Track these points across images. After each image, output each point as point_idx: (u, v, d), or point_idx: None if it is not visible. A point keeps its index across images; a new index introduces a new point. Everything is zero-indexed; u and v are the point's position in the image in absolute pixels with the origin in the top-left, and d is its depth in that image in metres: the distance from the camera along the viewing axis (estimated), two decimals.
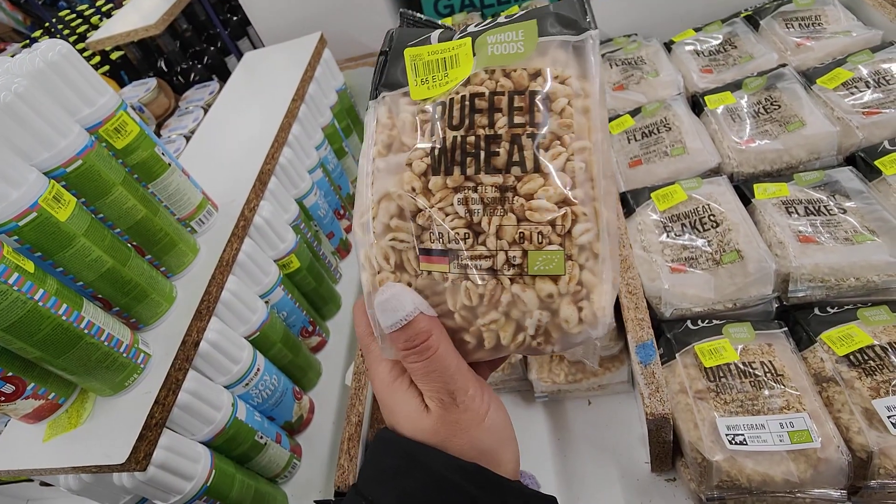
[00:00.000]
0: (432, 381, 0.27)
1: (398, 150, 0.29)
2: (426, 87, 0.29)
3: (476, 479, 0.26)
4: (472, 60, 0.29)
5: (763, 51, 0.95)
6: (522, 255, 0.26)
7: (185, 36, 1.65)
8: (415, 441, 0.27)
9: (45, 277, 0.51)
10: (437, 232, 0.27)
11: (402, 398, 0.28)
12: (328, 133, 1.15)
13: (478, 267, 0.27)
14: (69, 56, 0.59)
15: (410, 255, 0.28)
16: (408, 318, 0.26)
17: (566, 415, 0.80)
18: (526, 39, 0.28)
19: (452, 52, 0.29)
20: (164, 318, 0.65)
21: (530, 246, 0.26)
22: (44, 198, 0.51)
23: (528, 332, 0.27)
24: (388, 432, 0.29)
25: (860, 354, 0.59)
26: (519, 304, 0.27)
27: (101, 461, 0.54)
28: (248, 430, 0.70)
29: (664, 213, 0.78)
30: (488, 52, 0.28)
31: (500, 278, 0.27)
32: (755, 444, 0.56)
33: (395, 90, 0.30)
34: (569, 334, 0.27)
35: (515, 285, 0.26)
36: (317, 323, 0.94)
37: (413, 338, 0.26)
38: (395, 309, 0.26)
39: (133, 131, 0.64)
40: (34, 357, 0.51)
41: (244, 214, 0.78)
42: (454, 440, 0.27)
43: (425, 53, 0.30)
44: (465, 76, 0.28)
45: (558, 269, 0.26)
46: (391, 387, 0.28)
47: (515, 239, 0.26)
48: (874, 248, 0.65)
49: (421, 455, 0.27)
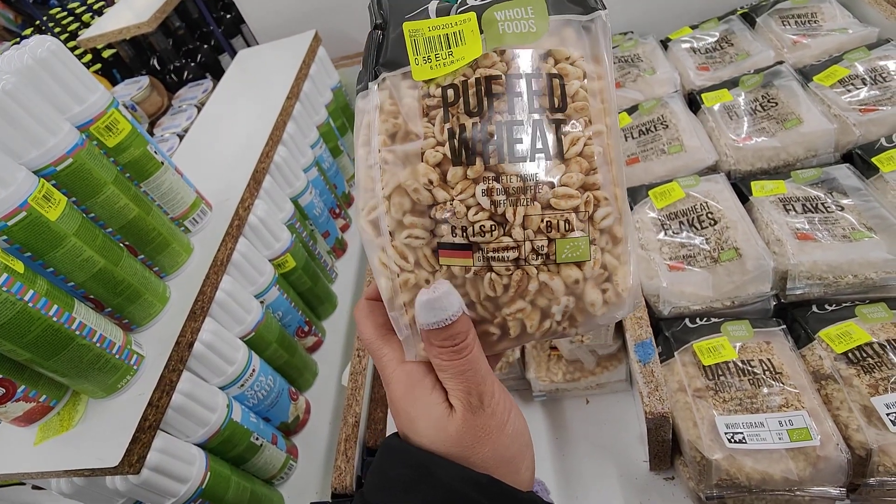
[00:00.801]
0: (465, 380, 0.26)
1: (405, 138, 0.27)
2: (429, 66, 0.27)
3: (489, 492, 0.25)
4: (479, 39, 0.27)
5: (760, 48, 0.95)
6: (549, 243, 0.26)
7: (178, 34, 1.64)
8: (427, 451, 0.26)
9: (36, 278, 0.50)
10: (461, 226, 0.26)
11: (424, 405, 0.27)
12: (323, 131, 1.14)
13: (503, 258, 0.26)
14: (59, 53, 0.58)
15: (427, 250, 0.27)
16: (453, 317, 0.25)
17: (564, 414, 0.79)
18: (537, 18, 0.26)
19: (456, 27, 0.27)
20: (157, 319, 0.64)
21: (556, 234, 0.26)
22: (33, 197, 0.50)
23: (554, 319, 0.27)
24: (397, 440, 0.28)
25: (858, 352, 0.59)
26: (546, 292, 0.26)
27: (93, 464, 0.53)
28: (244, 431, 0.70)
29: (662, 211, 0.77)
30: (499, 31, 0.26)
31: (527, 268, 0.26)
32: (754, 442, 0.56)
33: (394, 70, 0.28)
34: (594, 317, 0.27)
35: (543, 273, 0.26)
36: (313, 323, 0.93)
37: (454, 336, 0.25)
38: (444, 308, 0.25)
39: (125, 129, 0.63)
40: (24, 359, 0.50)
41: (238, 213, 0.77)
42: (478, 448, 0.26)
43: (425, 28, 0.27)
44: (472, 56, 0.26)
45: (584, 256, 0.26)
46: (411, 394, 0.27)
47: (541, 228, 0.26)
48: (872, 245, 0.65)
49: (434, 466, 0.26)
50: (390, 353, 0.28)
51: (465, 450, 0.26)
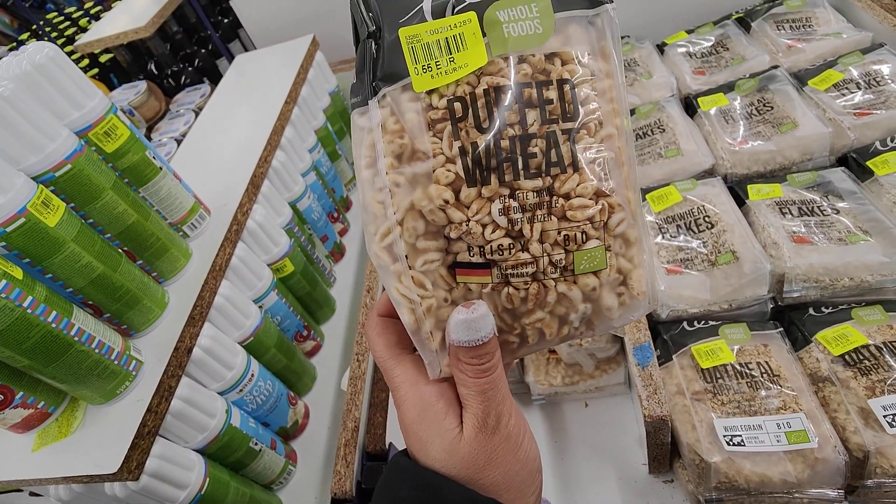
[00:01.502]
0: (486, 399, 0.26)
1: (412, 157, 0.26)
2: (429, 75, 0.25)
3: None
4: (481, 42, 0.25)
5: (755, 52, 0.96)
6: (566, 255, 0.26)
7: (176, 38, 1.64)
8: (437, 473, 0.26)
9: (34, 284, 0.50)
10: (477, 245, 0.25)
11: (437, 429, 0.27)
12: (321, 136, 1.14)
13: (521, 273, 0.26)
14: (57, 59, 0.58)
15: (442, 270, 0.27)
16: (486, 337, 0.25)
17: (563, 417, 0.79)
18: (542, 17, 0.25)
19: (455, 30, 0.25)
20: (156, 325, 0.64)
21: (574, 246, 0.25)
22: (32, 203, 0.50)
23: (572, 325, 0.27)
24: (406, 460, 0.28)
25: (855, 354, 0.60)
26: (564, 301, 0.27)
27: (92, 471, 0.53)
28: (243, 436, 0.69)
29: (659, 215, 0.78)
30: (503, 34, 0.25)
31: (545, 281, 0.26)
32: (753, 444, 0.56)
33: (393, 84, 0.26)
34: (611, 320, 0.28)
35: (561, 284, 0.26)
36: (311, 327, 0.93)
37: (482, 356, 0.26)
38: (479, 329, 0.25)
39: (123, 135, 0.63)
40: (23, 366, 0.50)
41: (237, 218, 0.77)
42: (488, 470, 0.26)
43: (423, 33, 0.25)
44: (476, 63, 0.25)
45: (601, 264, 0.26)
46: (424, 417, 0.27)
47: (558, 241, 0.25)
48: (867, 248, 0.65)
49: (443, 488, 0.26)
50: (402, 374, 0.28)
51: (476, 472, 0.26)
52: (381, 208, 0.26)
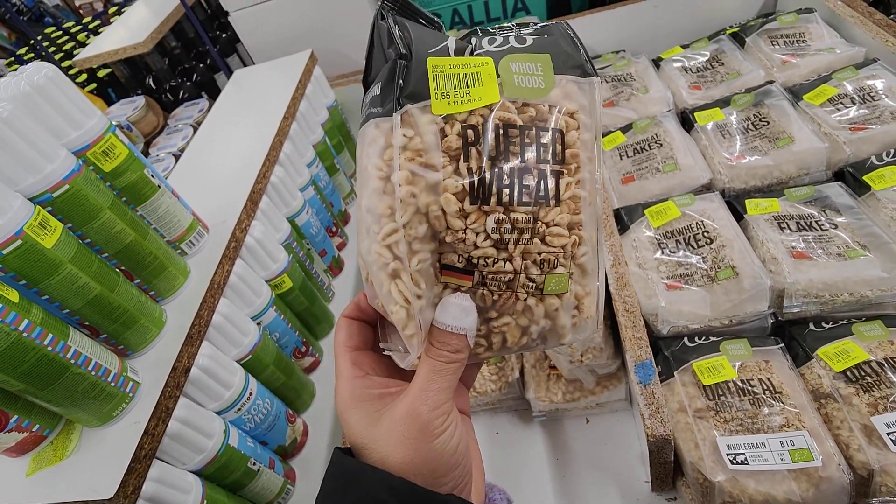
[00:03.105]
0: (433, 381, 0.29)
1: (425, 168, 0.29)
2: (446, 101, 0.29)
3: (403, 496, 0.28)
4: (495, 83, 0.29)
5: (750, 67, 0.97)
6: (540, 276, 0.30)
7: (174, 53, 1.65)
8: (355, 460, 0.29)
9: (30, 307, 0.49)
10: (466, 252, 0.29)
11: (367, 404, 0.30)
12: (319, 150, 1.15)
13: (499, 281, 0.30)
14: (56, 79, 0.58)
15: (430, 271, 0.30)
16: (464, 331, 0.29)
17: (564, 434, 0.79)
18: (545, 75, 0.30)
19: (474, 69, 0.29)
20: (153, 344, 0.63)
21: (547, 269, 0.30)
22: (29, 225, 0.50)
23: (531, 337, 0.32)
24: (337, 453, 0.30)
25: (857, 370, 0.59)
26: (528, 313, 0.31)
27: (87, 496, 0.52)
28: (241, 456, 0.68)
29: (658, 230, 0.78)
30: (514, 83, 0.29)
31: (518, 292, 0.30)
32: (756, 463, 0.56)
33: (417, 102, 0.29)
34: (563, 337, 0.32)
35: (531, 299, 0.30)
36: (310, 343, 0.93)
37: (455, 348, 0.29)
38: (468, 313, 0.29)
39: (122, 154, 0.63)
40: (18, 389, 0.49)
41: (235, 235, 0.77)
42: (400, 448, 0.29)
43: (447, 66, 0.29)
44: (489, 98, 0.29)
45: (564, 288, 0.31)
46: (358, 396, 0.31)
47: (536, 261, 0.30)
48: (866, 263, 0.65)
49: (358, 474, 0.29)
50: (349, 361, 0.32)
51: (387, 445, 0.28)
52: (389, 212, 0.29)
